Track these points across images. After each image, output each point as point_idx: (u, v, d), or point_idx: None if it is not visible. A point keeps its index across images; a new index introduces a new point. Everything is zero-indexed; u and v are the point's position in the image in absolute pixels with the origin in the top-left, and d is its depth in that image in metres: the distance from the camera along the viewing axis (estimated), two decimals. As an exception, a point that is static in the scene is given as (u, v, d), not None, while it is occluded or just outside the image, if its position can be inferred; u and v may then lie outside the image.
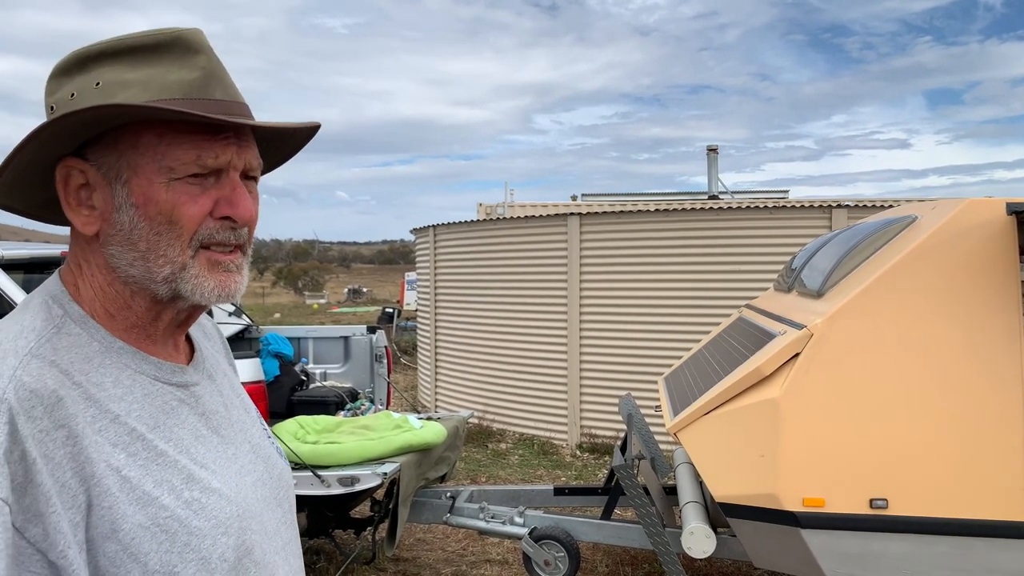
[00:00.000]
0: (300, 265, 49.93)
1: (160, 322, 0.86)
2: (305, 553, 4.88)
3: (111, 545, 0.73)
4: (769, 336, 3.41)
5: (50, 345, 0.76)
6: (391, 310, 17.30)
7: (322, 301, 35.99)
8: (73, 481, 0.71)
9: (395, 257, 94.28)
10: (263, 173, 0.95)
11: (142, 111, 0.77)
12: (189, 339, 0.95)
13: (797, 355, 3.12)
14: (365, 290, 39.55)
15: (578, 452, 7.60)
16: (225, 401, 0.93)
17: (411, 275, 20.25)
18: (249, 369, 3.53)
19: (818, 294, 3.46)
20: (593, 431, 7.71)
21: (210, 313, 5.28)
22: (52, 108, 0.81)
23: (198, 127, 0.80)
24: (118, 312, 0.83)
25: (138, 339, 0.84)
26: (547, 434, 8.00)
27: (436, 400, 9.66)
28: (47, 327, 0.78)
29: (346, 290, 39.23)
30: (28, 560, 0.68)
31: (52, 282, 0.84)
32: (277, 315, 26.91)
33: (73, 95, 0.79)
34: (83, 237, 0.83)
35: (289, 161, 0.97)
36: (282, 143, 0.92)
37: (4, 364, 0.73)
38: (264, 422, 1.02)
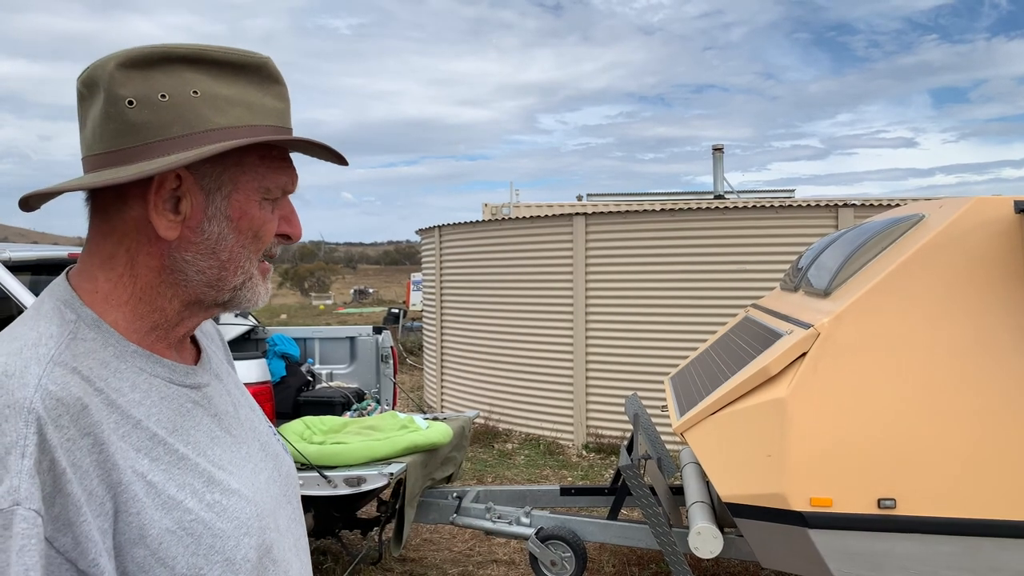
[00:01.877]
0: (306, 266, 50.02)
1: (181, 326, 0.87)
2: (312, 554, 4.88)
3: (139, 551, 0.73)
4: (776, 336, 3.40)
5: (69, 352, 0.76)
6: (397, 311, 17.32)
7: (328, 302, 36.04)
8: (100, 488, 0.72)
9: (401, 258, 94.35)
10: None
11: (291, 144, 0.84)
12: (194, 340, 0.95)
13: (804, 354, 3.11)
14: (371, 291, 39.59)
15: (584, 452, 7.59)
16: (233, 401, 0.94)
17: (417, 276, 20.27)
18: (255, 370, 3.53)
19: (825, 293, 3.45)
20: (599, 431, 7.70)
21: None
22: (131, 102, 0.78)
23: (283, 153, 0.87)
24: (148, 313, 0.83)
25: (155, 341, 0.85)
26: (553, 434, 7.99)
27: (442, 401, 9.67)
28: (63, 333, 0.78)
29: (352, 291, 39.28)
30: (58, 570, 0.68)
31: (61, 286, 0.83)
32: (284, 316, 26.96)
33: (164, 96, 0.79)
34: (137, 237, 0.82)
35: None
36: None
37: (28, 373, 0.72)
38: (268, 420, 1.03)
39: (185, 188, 0.81)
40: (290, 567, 0.89)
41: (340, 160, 0.90)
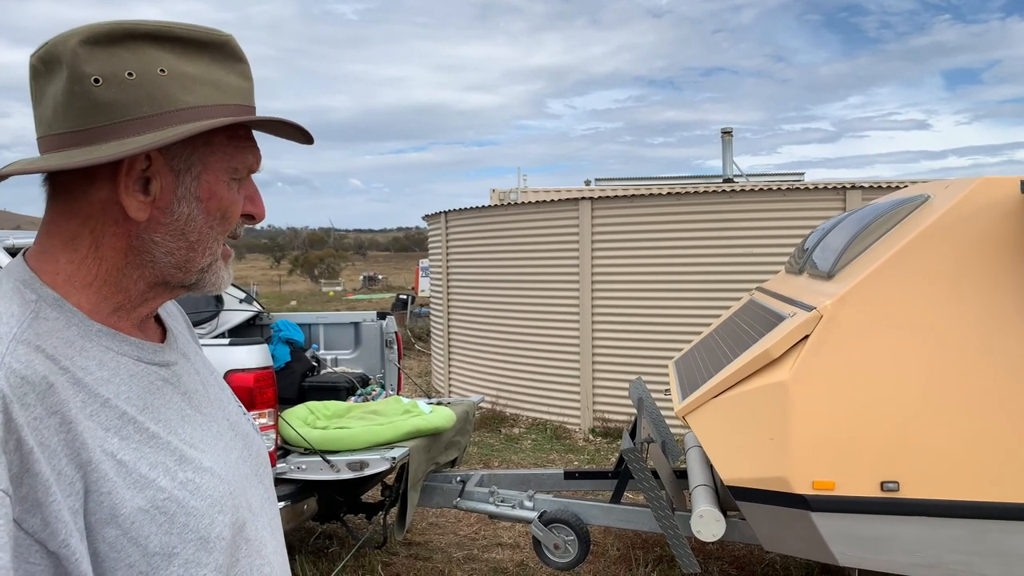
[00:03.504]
0: (316, 253, 50.17)
1: (145, 307, 0.86)
2: (317, 538, 4.91)
3: (111, 530, 0.72)
4: (779, 318, 3.38)
5: (32, 330, 0.75)
6: (405, 297, 17.35)
7: (338, 288, 36.15)
8: (69, 468, 0.70)
9: (410, 244, 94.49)
10: None
11: (279, 125, 0.84)
12: (159, 320, 0.94)
13: (807, 337, 3.08)
14: (380, 277, 39.69)
15: (591, 436, 7.59)
16: (202, 379, 0.93)
17: (425, 262, 20.28)
18: (257, 354, 3.54)
19: (828, 275, 3.42)
20: (606, 415, 7.70)
21: (220, 300, 5.25)
22: (97, 80, 0.76)
23: (249, 132, 0.86)
24: (112, 294, 0.82)
25: (117, 321, 0.83)
26: (560, 419, 8.00)
27: (449, 386, 9.68)
28: (25, 312, 0.76)
29: (361, 277, 39.38)
30: (27, 551, 0.68)
31: (18, 266, 0.82)
32: (293, 303, 27.06)
33: (132, 74, 0.77)
34: (103, 219, 0.80)
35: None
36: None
37: None
38: (238, 399, 1.02)
39: (155, 169, 0.80)
40: (264, 545, 0.88)
41: (307, 139, 0.88)
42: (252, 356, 3.53)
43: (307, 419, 4.13)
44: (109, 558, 0.72)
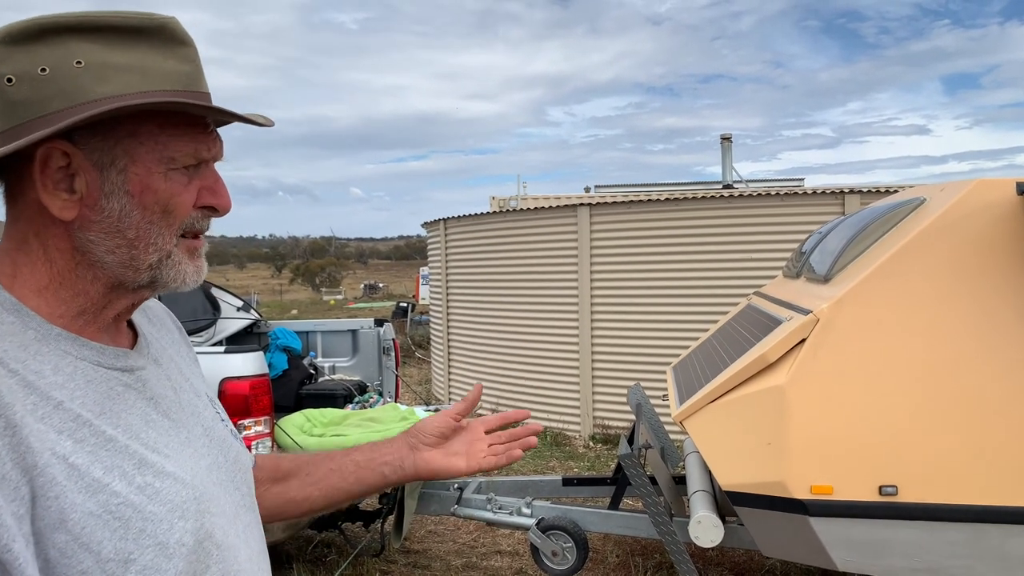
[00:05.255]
0: (317, 262, 50.22)
1: (110, 309, 0.84)
2: (314, 546, 4.89)
3: (60, 536, 0.70)
4: (776, 322, 3.36)
5: None
6: (405, 305, 17.34)
7: (339, 297, 36.16)
8: (14, 472, 0.68)
9: (412, 252, 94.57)
10: None
11: (171, 106, 0.77)
12: (132, 325, 0.92)
13: (803, 341, 3.07)
14: (381, 285, 39.71)
15: (591, 443, 7.57)
16: (174, 385, 0.91)
17: (425, 270, 20.29)
18: (252, 362, 3.53)
19: (825, 279, 3.41)
20: (606, 422, 7.68)
21: (217, 307, 5.23)
22: (11, 80, 0.75)
23: (194, 119, 0.81)
24: (72, 298, 0.80)
25: (83, 326, 0.82)
26: (560, 425, 7.97)
27: (449, 393, 9.66)
28: None
29: (362, 286, 39.40)
30: None
31: None
32: (294, 311, 27.06)
33: (45, 70, 0.75)
34: (41, 220, 0.79)
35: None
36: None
37: None
38: (219, 405, 1.00)
39: (77, 165, 0.77)
40: (238, 552, 0.86)
41: (254, 123, 0.84)
42: (248, 363, 3.52)
43: (304, 426, 4.11)
44: (60, 564, 0.70)
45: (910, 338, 3.01)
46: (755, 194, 7.28)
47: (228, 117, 0.83)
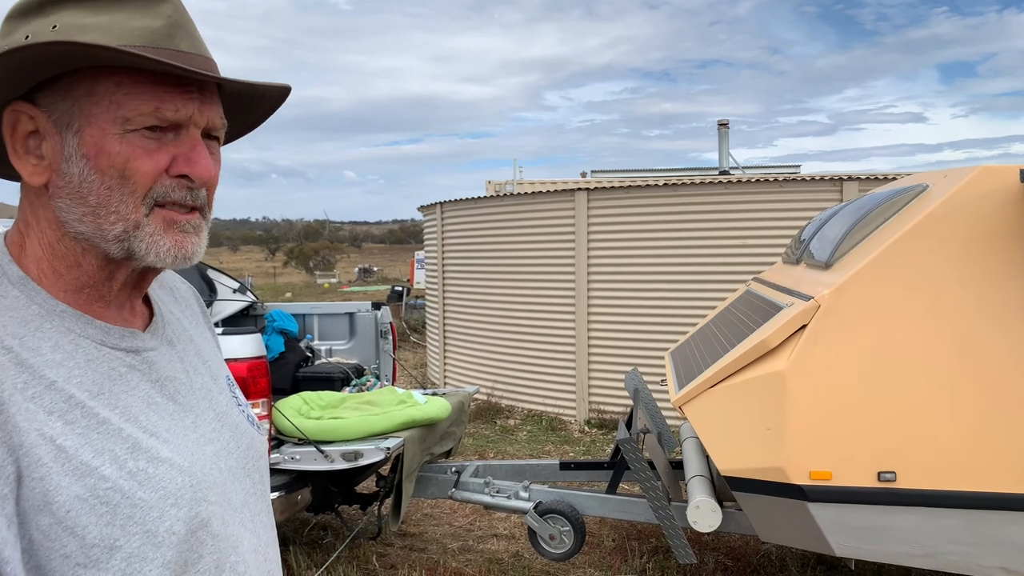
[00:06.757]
0: (311, 245, 50.08)
1: (114, 282, 0.81)
2: (311, 529, 4.89)
3: (44, 518, 0.68)
4: (776, 308, 3.36)
5: None
6: (400, 289, 17.31)
7: (333, 280, 36.08)
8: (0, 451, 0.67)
9: (406, 236, 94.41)
10: (232, 139, 0.91)
11: (93, 52, 0.72)
12: (150, 303, 0.90)
13: (804, 327, 3.07)
14: (376, 269, 39.62)
15: (586, 428, 7.58)
16: (186, 368, 0.88)
17: (421, 254, 20.24)
18: (250, 344, 3.51)
19: (826, 265, 3.40)
20: (602, 407, 7.69)
21: (213, 289, 5.21)
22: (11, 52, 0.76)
23: (160, 78, 0.76)
24: (67, 271, 0.79)
25: (88, 301, 0.80)
26: (555, 410, 7.98)
27: (445, 378, 9.66)
28: None
29: (357, 269, 39.31)
30: None
31: None
32: (288, 295, 27.00)
33: (27, 37, 0.74)
34: (32, 190, 0.79)
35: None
36: (250, 107, 0.88)
37: None
38: (238, 390, 0.97)
39: (42, 128, 0.76)
40: (240, 542, 0.83)
41: (239, 83, 0.80)
42: (246, 345, 3.50)
43: (301, 409, 4.10)
44: (43, 547, 0.68)
45: (911, 325, 3.00)
46: (753, 180, 7.26)
47: (195, 75, 0.76)
